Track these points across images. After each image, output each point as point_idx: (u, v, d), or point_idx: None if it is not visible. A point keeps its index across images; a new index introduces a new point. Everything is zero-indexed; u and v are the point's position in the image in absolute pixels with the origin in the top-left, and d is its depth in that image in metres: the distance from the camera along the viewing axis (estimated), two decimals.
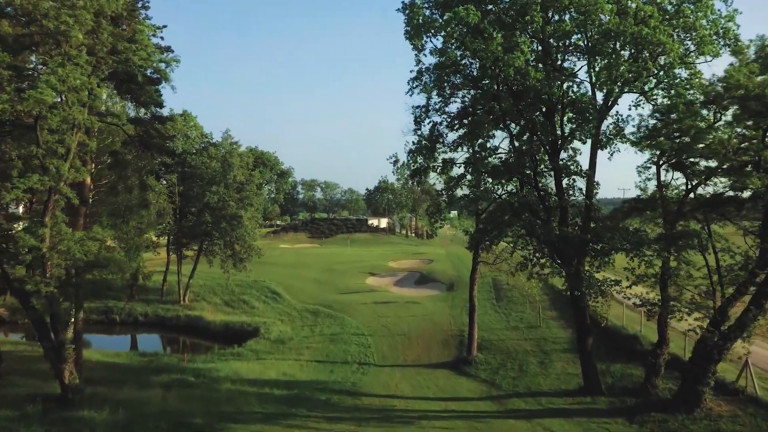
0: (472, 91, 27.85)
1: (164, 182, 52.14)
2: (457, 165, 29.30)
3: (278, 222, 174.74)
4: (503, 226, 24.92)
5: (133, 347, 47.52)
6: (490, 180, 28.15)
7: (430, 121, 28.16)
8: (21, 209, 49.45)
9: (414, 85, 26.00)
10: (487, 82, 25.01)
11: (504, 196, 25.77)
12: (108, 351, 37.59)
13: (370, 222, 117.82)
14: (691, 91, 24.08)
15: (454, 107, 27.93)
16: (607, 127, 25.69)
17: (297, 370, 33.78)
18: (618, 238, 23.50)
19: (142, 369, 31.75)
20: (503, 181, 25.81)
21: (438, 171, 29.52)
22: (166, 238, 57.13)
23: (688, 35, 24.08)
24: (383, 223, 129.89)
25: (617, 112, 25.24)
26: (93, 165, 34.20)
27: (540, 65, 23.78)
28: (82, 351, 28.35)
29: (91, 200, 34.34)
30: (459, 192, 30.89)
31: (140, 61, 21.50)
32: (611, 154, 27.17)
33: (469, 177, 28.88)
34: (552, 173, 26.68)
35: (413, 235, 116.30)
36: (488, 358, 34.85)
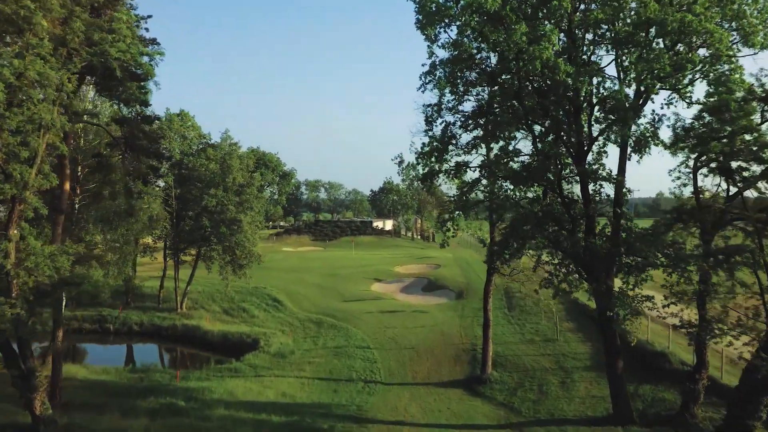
0: (488, 89, 25.40)
1: (159, 185, 49.90)
2: (472, 168, 26.79)
3: (282, 223, 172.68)
4: (526, 238, 22.32)
5: (127, 358, 45.28)
6: (510, 186, 25.71)
7: (442, 121, 25.70)
8: None
9: (426, 81, 23.45)
10: (508, 77, 22.49)
11: (525, 204, 23.05)
12: (95, 367, 35.18)
13: (375, 224, 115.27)
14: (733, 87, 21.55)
15: (468, 106, 25.45)
16: (641, 127, 23.05)
17: (298, 390, 31.31)
18: (655, 253, 20.95)
19: (129, 390, 29.32)
20: (524, 187, 23.22)
21: (451, 175, 26.98)
22: (163, 242, 54.92)
23: (733, 24, 21.48)
24: (388, 225, 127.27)
25: (653, 110, 22.62)
26: (81, 169, 31.97)
27: (567, 58, 21.20)
28: (61, 372, 25.97)
29: (78, 206, 32.15)
30: (473, 197, 28.51)
31: (118, 53, 19.09)
32: (641, 157, 24.61)
33: (484, 182, 26.40)
34: (577, 179, 24.24)
35: (419, 237, 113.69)
36: (504, 376, 32.34)
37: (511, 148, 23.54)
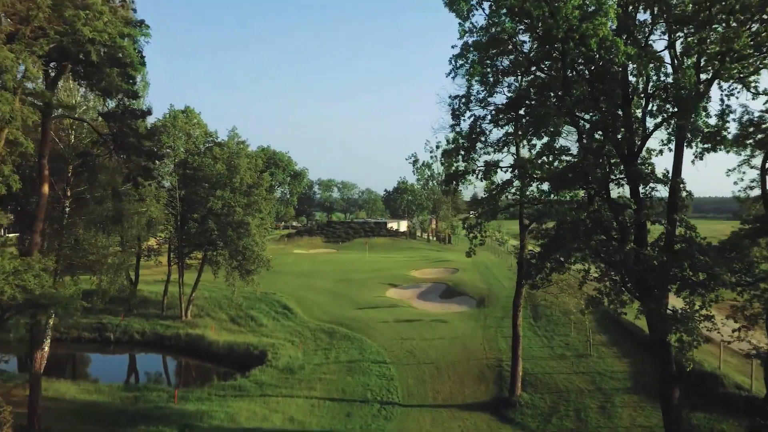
0: (523, 78, 22.28)
1: (164, 186, 47.24)
2: (503, 169, 23.64)
3: (294, 223, 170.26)
4: (572, 250, 19.10)
5: (126, 371, 42.70)
6: (545, 189, 22.57)
7: (471, 115, 22.52)
8: None
9: (457, 65, 20.26)
10: (548, 63, 19.31)
11: (569, 210, 19.77)
12: (87, 385, 32.50)
13: (389, 225, 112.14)
14: None
15: (499, 99, 22.34)
16: (704, 119, 19.76)
17: (307, 413, 28.35)
18: (725, 270, 17.70)
19: (120, 414, 26.49)
20: (568, 191, 19.98)
21: (479, 176, 23.85)
22: (168, 246, 52.31)
23: None
24: (403, 226, 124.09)
25: (722, 100, 19.31)
26: (72, 170, 29.18)
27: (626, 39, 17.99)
28: (39, 398, 23.17)
29: (68, 210, 29.41)
30: (503, 201, 25.40)
31: (92, 33, 16.19)
32: (698, 156, 21.31)
33: (516, 183, 23.29)
34: (625, 180, 21.01)
35: (434, 239, 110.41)
36: (535, 399, 29.17)
37: (556, 145, 20.22)
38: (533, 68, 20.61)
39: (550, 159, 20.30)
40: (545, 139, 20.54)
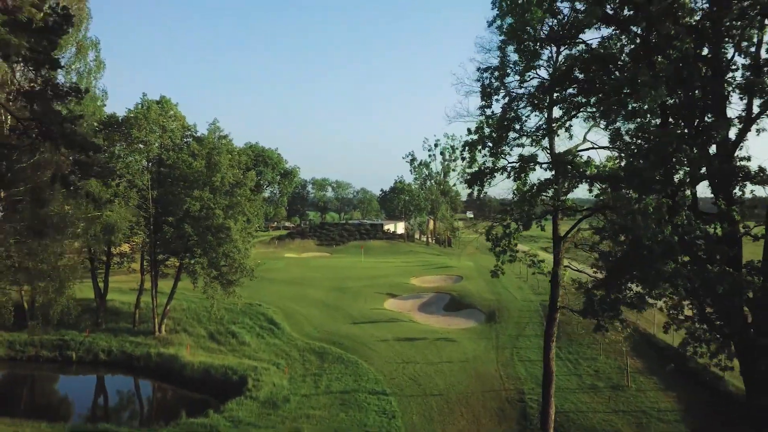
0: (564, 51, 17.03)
1: (131, 185, 41.79)
2: (542, 165, 18.37)
3: (286, 223, 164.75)
4: (658, 278, 13.75)
5: (80, 400, 37.12)
6: (598, 192, 17.37)
7: (504, 95, 17.21)
8: None
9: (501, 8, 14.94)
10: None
11: (651, 222, 14.42)
12: (25, 427, 26.97)
13: (386, 227, 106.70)
14: None
15: (542, 73, 17.06)
16: None
17: None
18: None
19: None
20: (645, 195, 14.67)
21: (511, 174, 18.60)
22: (140, 252, 46.83)
23: None
24: (400, 228, 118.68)
25: None
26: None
27: None
28: None
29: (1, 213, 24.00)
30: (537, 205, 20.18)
31: None
32: None
33: (562, 184, 18.04)
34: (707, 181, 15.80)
35: (434, 242, 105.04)
36: None
37: (644, 125, 14.81)
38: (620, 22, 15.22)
39: (630, 145, 14.95)
40: (619, 124, 15.19)
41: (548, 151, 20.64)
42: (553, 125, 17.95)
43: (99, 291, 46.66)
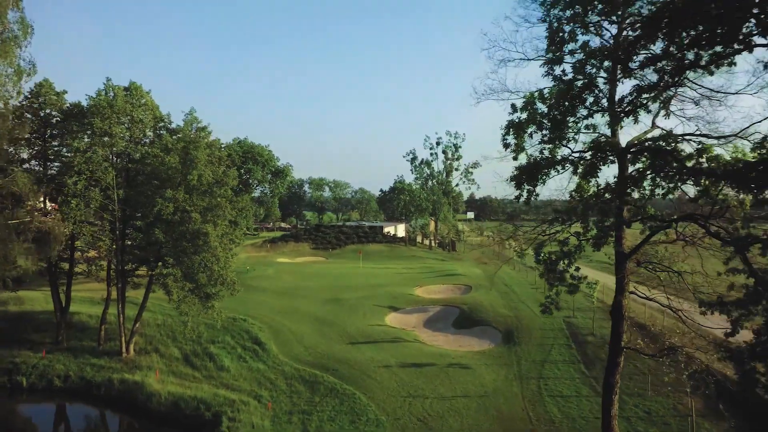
0: None
1: (92, 183, 36.02)
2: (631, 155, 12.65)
3: (282, 224, 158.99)
4: None
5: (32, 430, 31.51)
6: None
7: (578, 47, 11.52)
8: None
9: None
10: None
11: None
12: None
13: (385, 230, 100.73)
14: None
15: None
16: None
17: None
18: None
19: None
20: None
21: (579, 168, 12.88)
22: (107, 261, 41.00)
23: None
24: (400, 230, 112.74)
25: None
26: None
27: None
28: None
29: None
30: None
31: None
32: None
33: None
34: None
35: (437, 245, 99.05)
36: None
37: None
38: None
39: None
40: None
41: (603, 137, 14.95)
42: (644, 97, 12.28)
43: (60, 304, 40.87)
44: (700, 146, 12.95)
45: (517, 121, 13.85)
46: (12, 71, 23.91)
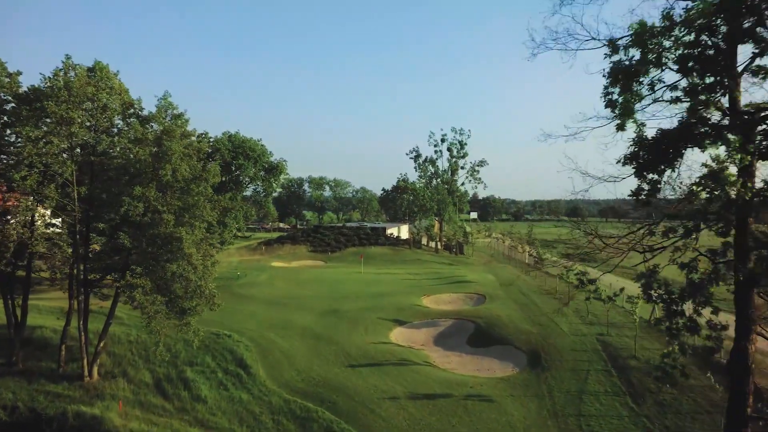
0: None
1: (46, 178, 30.59)
2: None
3: (281, 225, 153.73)
4: None
5: None
6: None
7: None
8: None
9: None
10: None
11: None
12: None
13: (388, 231, 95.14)
14: None
15: None
16: None
17: None
18: None
19: None
20: None
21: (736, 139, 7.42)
22: (68, 269, 35.52)
23: None
24: (404, 231, 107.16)
25: None
26: None
27: None
28: None
29: None
30: None
31: None
32: None
33: None
34: None
35: (442, 248, 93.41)
36: None
37: None
38: None
39: None
40: None
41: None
42: None
43: (15, 317, 35.43)
44: None
45: (626, 65, 8.69)
46: None
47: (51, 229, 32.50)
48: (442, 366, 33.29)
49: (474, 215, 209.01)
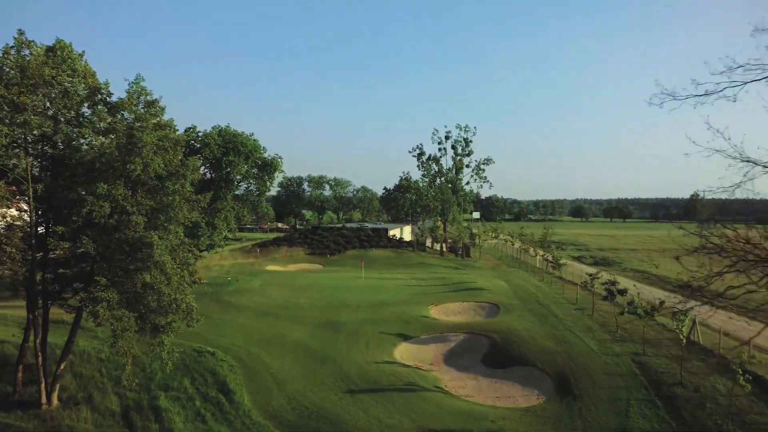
0: None
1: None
2: None
3: (279, 225, 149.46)
4: None
5: None
6: None
7: None
8: None
9: None
10: None
11: None
12: None
13: (390, 233, 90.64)
14: None
15: None
16: None
17: None
18: None
19: None
20: None
21: None
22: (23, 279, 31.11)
23: None
24: (407, 233, 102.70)
25: None
26: None
27: None
28: None
29: None
30: None
31: None
32: None
33: None
34: None
35: (448, 250, 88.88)
36: None
37: None
38: None
39: None
40: None
41: None
42: None
43: None
44: None
45: None
46: None
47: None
48: (455, 392, 28.82)
49: (476, 215, 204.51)
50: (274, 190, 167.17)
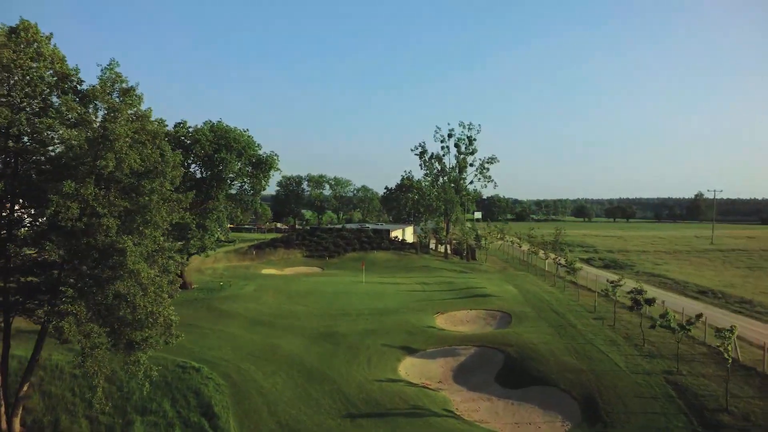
0: None
1: None
2: None
3: (278, 225, 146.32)
4: None
5: None
6: None
7: None
8: None
9: None
10: None
11: None
12: None
13: (392, 234, 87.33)
14: None
15: None
16: None
17: None
18: None
19: None
20: None
21: None
22: None
23: None
24: (409, 234, 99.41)
25: None
26: None
27: None
28: None
29: None
30: None
31: None
32: None
33: None
34: None
35: (452, 252, 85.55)
36: None
37: None
38: None
39: None
40: None
41: None
42: None
43: None
44: None
45: None
46: None
47: None
48: (467, 416, 25.63)
49: (478, 215, 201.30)
50: (272, 190, 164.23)
